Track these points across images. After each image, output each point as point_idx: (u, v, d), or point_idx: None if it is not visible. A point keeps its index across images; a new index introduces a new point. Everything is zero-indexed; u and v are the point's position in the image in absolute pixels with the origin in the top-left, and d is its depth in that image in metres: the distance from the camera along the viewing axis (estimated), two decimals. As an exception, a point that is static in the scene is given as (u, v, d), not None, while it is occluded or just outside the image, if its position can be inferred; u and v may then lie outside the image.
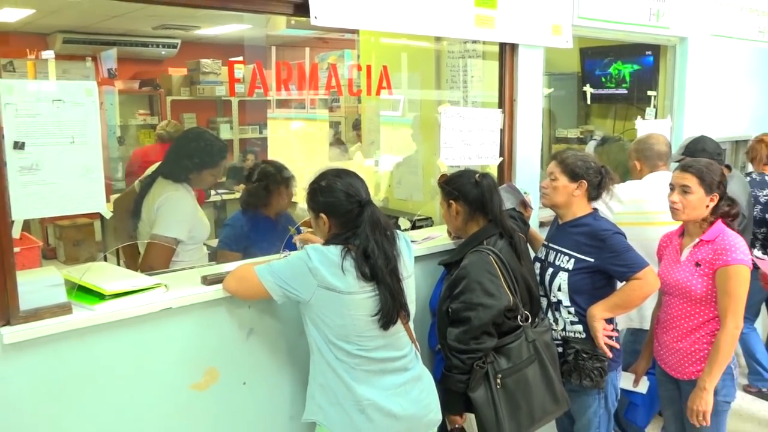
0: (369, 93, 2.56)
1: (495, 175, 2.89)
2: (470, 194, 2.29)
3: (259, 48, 5.59)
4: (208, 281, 2.02)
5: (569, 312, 2.39)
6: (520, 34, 2.80)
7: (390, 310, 1.89)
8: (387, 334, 1.92)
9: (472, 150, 2.76)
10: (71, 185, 1.72)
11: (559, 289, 2.39)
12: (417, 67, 3.52)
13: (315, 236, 2.11)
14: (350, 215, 1.91)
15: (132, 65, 6.44)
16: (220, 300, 2.00)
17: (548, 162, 2.49)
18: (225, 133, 6.48)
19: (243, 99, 6.57)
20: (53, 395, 1.75)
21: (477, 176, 2.31)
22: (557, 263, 2.42)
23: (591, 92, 4.28)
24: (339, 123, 5.74)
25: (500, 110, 2.88)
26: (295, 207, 3.11)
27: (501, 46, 2.85)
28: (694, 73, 3.93)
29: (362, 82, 2.56)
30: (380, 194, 3.89)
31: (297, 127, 4.93)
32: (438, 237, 2.67)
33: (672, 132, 3.82)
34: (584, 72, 4.59)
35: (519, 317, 2.21)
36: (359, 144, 4.62)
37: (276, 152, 5.09)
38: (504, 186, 2.72)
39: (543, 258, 2.50)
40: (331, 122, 5.58)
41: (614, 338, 2.36)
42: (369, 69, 2.55)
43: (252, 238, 2.76)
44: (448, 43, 3.29)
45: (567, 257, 2.39)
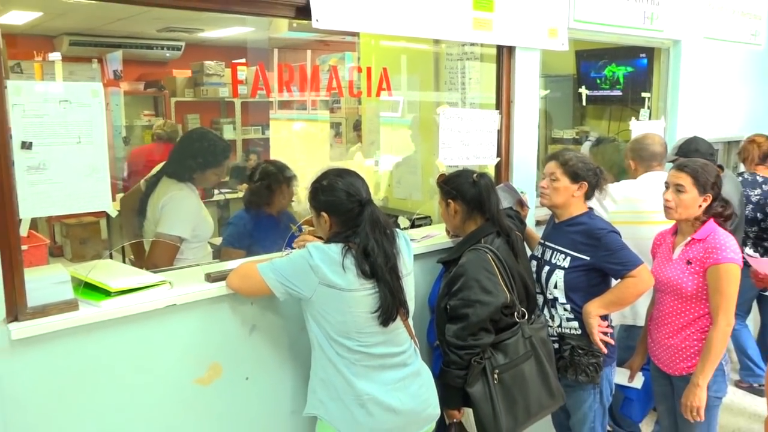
0: (369, 94, 2.56)
1: (492, 175, 2.89)
2: (468, 193, 2.29)
3: (262, 50, 5.57)
4: (212, 278, 2.02)
5: (565, 309, 2.39)
6: (517, 37, 2.80)
7: (389, 307, 1.89)
8: (386, 331, 1.92)
9: (470, 150, 2.76)
10: (78, 184, 1.72)
11: (556, 287, 2.39)
12: (416, 69, 3.52)
13: (313, 237, 2.11)
14: (351, 214, 1.92)
15: (137, 67, 6.43)
16: (224, 297, 2.00)
17: (545, 162, 2.48)
18: (228, 134, 6.47)
19: (246, 100, 6.56)
20: (60, 390, 1.75)
21: (475, 176, 2.31)
22: (553, 261, 2.42)
23: (586, 94, 4.28)
24: (340, 124, 5.73)
25: (497, 111, 2.88)
26: (298, 206, 3.11)
27: (498, 49, 2.85)
28: (688, 75, 3.93)
29: (362, 84, 2.56)
30: (380, 193, 3.89)
31: (299, 128, 4.92)
32: (437, 235, 2.67)
33: (665, 133, 3.82)
34: (580, 74, 4.59)
35: (516, 314, 2.21)
36: (359, 144, 4.61)
37: (278, 152, 5.08)
38: (501, 185, 2.72)
39: (539, 256, 2.50)
40: (332, 123, 5.57)
41: (609, 334, 2.36)
42: (369, 71, 2.55)
43: (255, 236, 2.77)
44: (447, 46, 3.29)
45: (563, 255, 2.39)
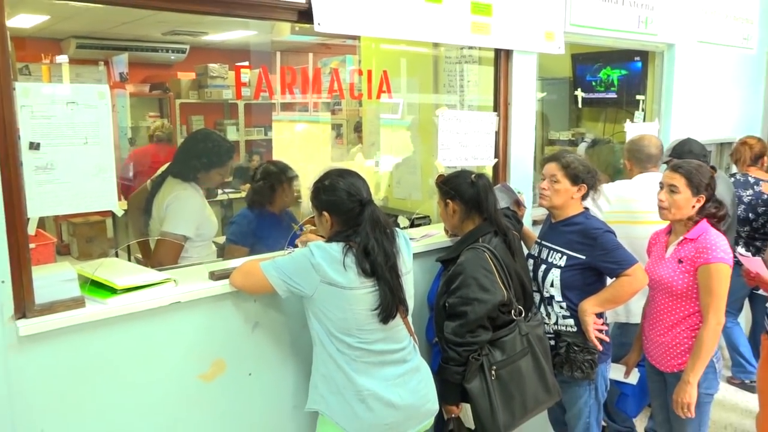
0: (370, 96, 2.56)
1: (490, 176, 2.89)
2: (466, 194, 2.29)
3: (265, 53, 5.58)
4: (216, 276, 2.01)
5: (561, 307, 2.39)
6: (515, 41, 2.80)
7: (389, 305, 1.89)
8: (386, 328, 1.92)
9: (469, 151, 2.76)
10: (84, 184, 1.72)
11: (552, 285, 2.39)
12: (416, 72, 3.52)
13: (315, 236, 2.11)
14: (352, 214, 1.91)
15: (142, 69, 6.42)
16: (227, 294, 2.00)
17: (543, 163, 2.47)
18: (231, 135, 6.46)
19: (249, 102, 6.55)
20: (67, 385, 1.75)
21: (473, 176, 2.31)
22: (550, 260, 2.42)
23: (582, 96, 4.28)
24: (341, 125, 5.73)
25: (495, 113, 2.88)
26: (299, 205, 3.12)
27: (496, 52, 2.84)
28: (681, 78, 3.93)
29: (363, 86, 2.55)
30: (380, 193, 3.89)
31: (300, 129, 4.92)
32: (435, 235, 2.66)
33: (659, 134, 3.81)
34: (575, 77, 4.58)
35: (513, 311, 2.21)
36: (360, 145, 4.61)
37: (280, 153, 5.08)
38: (498, 186, 2.72)
39: (536, 255, 2.50)
40: (333, 124, 5.57)
41: (604, 332, 2.36)
42: (370, 74, 2.54)
43: (258, 234, 2.79)
44: (446, 49, 3.29)
45: (559, 254, 2.39)
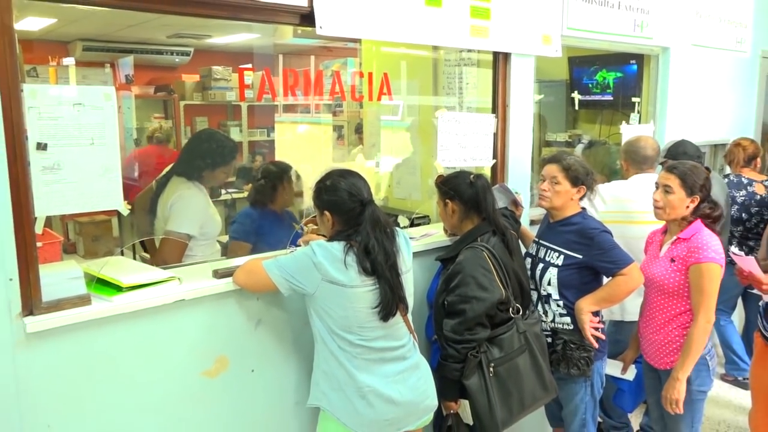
0: (370, 98, 2.55)
1: (488, 176, 2.89)
2: (465, 194, 2.29)
3: (267, 56, 5.58)
4: (219, 275, 2.01)
5: (558, 305, 2.39)
6: (513, 44, 2.80)
7: (389, 303, 1.89)
8: (386, 325, 1.92)
9: (467, 152, 2.76)
10: (90, 184, 1.72)
11: (549, 284, 2.39)
12: (415, 75, 3.52)
13: (316, 236, 2.11)
14: (352, 213, 1.91)
15: (148, 71, 6.42)
16: (230, 292, 2.00)
17: (542, 164, 2.46)
18: (234, 136, 6.45)
19: (252, 104, 6.54)
20: (73, 381, 1.75)
21: (472, 177, 2.31)
22: (547, 259, 2.42)
23: (579, 98, 4.28)
24: (342, 126, 5.73)
25: (494, 115, 2.87)
26: (301, 204, 3.15)
27: (494, 55, 2.84)
28: (676, 81, 3.93)
29: (364, 89, 2.55)
30: (381, 194, 3.89)
31: (302, 131, 4.92)
32: (435, 234, 2.66)
33: (654, 136, 3.80)
34: (572, 79, 4.58)
35: (511, 310, 2.21)
36: (361, 146, 4.61)
37: (283, 154, 5.08)
38: (497, 186, 2.72)
39: (534, 254, 2.50)
40: (335, 126, 5.57)
41: (600, 330, 2.36)
42: (370, 76, 2.54)
43: (260, 231, 2.84)
44: (445, 52, 3.29)
45: (557, 254, 2.39)
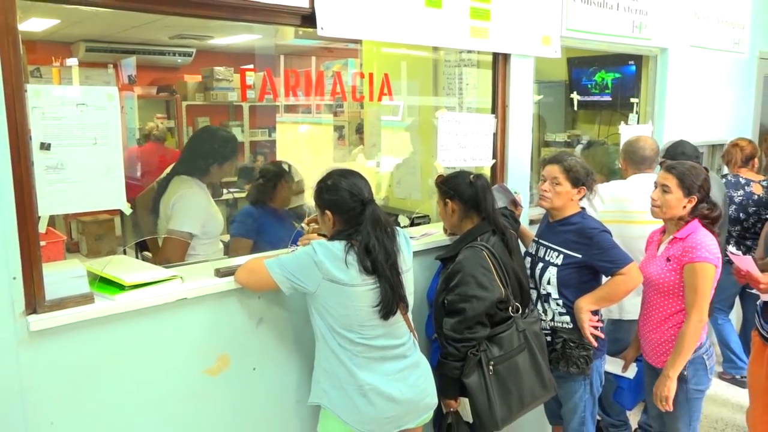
0: (371, 99, 2.55)
1: (488, 176, 2.89)
2: (465, 194, 2.29)
3: (269, 57, 5.56)
4: (221, 273, 2.01)
5: (557, 304, 2.39)
6: (512, 45, 2.79)
7: (390, 302, 1.89)
8: (387, 324, 1.92)
9: (467, 152, 2.75)
10: (94, 183, 1.71)
11: (549, 283, 2.39)
12: (416, 75, 3.51)
13: (317, 235, 2.11)
14: (353, 213, 1.91)
15: (150, 72, 6.43)
16: (232, 291, 2.00)
17: (543, 165, 2.45)
18: (236, 136, 6.46)
19: (253, 104, 6.55)
20: (76, 379, 1.74)
21: (471, 177, 2.30)
22: (547, 258, 2.41)
23: (578, 99, 4.28)
24: (343, 127, 5.72)
25: (493, 115, 2.87)
26: (301, 202, 3.16)
27: (494, 56, 2.84)
28: (674, 82, 3.92)
29: (365, 89, 2.55)
30: (381, 193, 3.89)
31: (304, 131, 4.92)
32: (435, 233, 2.66)
33: (653, 136, 3.80)
34: (571, 80, 4.58)
35: (510, 308, 2.21)
36: (361, 146, 4.61)
37: (284, 154, 5.08)
38: (496, 186, 2.71)
39: (533, 253, 2.50)
40: (336, 126, 5.57)
41: (599, 329, 2.36)
42: (371, 76, 2.54)
43: (261, 229, 2.86)
44: (445, 53, 3.28)
45: (556, 253, 2.38)
